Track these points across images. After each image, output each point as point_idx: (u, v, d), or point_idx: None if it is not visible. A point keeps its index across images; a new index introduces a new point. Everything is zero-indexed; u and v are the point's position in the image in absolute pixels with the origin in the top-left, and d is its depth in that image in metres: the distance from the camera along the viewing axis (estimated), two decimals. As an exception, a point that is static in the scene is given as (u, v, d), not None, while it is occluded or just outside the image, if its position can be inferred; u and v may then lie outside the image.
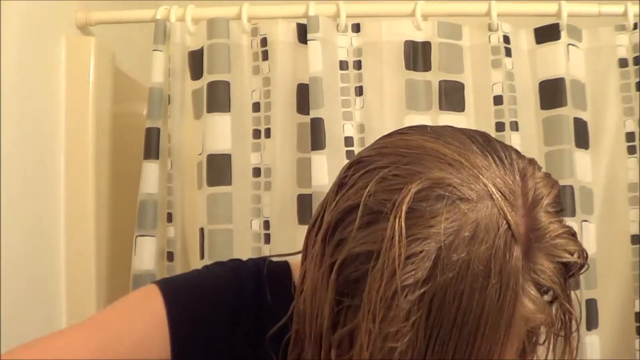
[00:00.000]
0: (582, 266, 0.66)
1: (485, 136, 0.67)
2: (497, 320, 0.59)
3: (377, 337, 0.59)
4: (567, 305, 0.66)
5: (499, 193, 0.61)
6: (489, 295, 0.58)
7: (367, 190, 0.63)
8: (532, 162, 0.67)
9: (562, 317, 0.66)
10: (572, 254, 0.64)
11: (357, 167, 0.67)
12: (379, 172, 0.64)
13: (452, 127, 0.69)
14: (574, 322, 0.67)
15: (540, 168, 0.67)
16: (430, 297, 0.58)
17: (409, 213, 0.60)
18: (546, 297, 0.63)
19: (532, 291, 0.62)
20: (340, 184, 0.67)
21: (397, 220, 0.59)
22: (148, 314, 0.75)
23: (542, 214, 0.63)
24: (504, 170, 0.63)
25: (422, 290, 0.58)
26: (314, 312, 0.65)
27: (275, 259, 0.82)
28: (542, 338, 0.69)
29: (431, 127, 0.69)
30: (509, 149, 0.67)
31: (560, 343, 0.68)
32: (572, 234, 0.65)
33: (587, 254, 0.66)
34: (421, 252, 0.58)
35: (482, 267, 0.58)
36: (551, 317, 0.65)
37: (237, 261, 0.84)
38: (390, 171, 0.63)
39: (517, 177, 0.63)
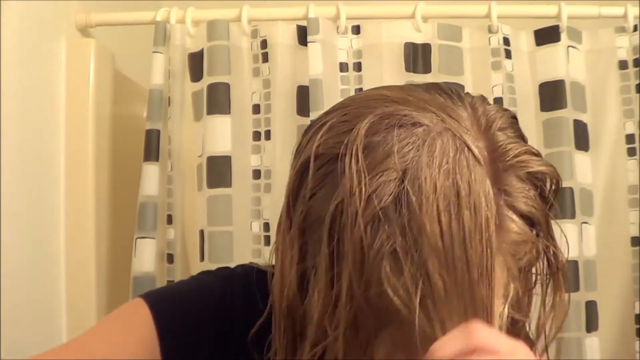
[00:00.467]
0: (556, 183, 0.66)
1: (429, 83, 0.68)
2: (480, 243, 0.56)
3: (359, 283, 0.57)
4: (550, 242, 0.67)
5: (450, 118, 0.60)
6: (464, 217, 0.56)
7: (317, 141, 0.62)
8: (482, 97, 0.66)
9: (546, 253, 0.67)
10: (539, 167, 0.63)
11: (307, 129, 0.67)
12: (326, 123, 0.63)
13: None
14: (560, 260, 0.68)
15: (488, 102, 0.66)
16: (402, 228, 0.56)
17: (363, 150, 0.58)
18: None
19: (511, 215, 0.61)
20: (295, 152, 0.67)
21: (352, 158, 0.58)
22: (138, 330, 0.74)
23: (499, 134, 0.62)
24: (451, 101, 0.63)
25: (394, 224, 0.56)
26: (284, 282, 0.64)
27: (263, 265, 0.80)
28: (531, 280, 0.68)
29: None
30: (456, 87, 0.67)
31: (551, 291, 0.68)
32: (534, 153, 0.65)
33: (557, 172, 0.66)
34: (384, 183, 0.57)
35: (450, 188, 0.56)
36: (537, 247, 0.65)
37: (226, 269, 0.83)
38: (338, 119, 0.63)
39: (467, 107, 0.63)
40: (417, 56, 1.40)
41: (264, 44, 1.41)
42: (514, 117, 0.66)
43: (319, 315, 0.60)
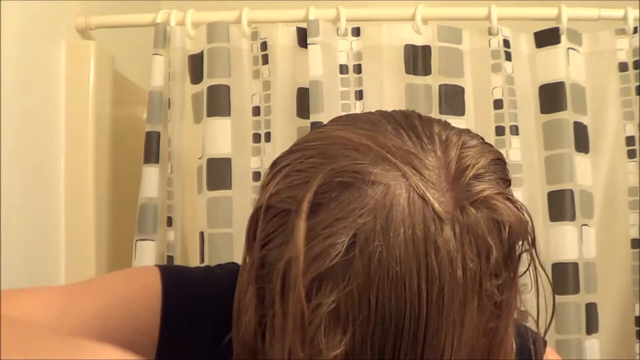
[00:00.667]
0: (522, 239, 0.61)
1: (405, 114, 0.63)
2: (438, 317, 0.55)
3: (302, 348, 0.56)
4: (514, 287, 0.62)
5: (413, 171, 0.56)
6: (422, 290, 0.54)
7: (270, 190, 0.60)
8: (461, 132, 0.61)
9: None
10: (510, 219, 0.58)
11: (271, 168, 0.64)
12: (283, 169, 0.61)
13: (377, 111, 0.65)
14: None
15: (475, 137, 0.62)
16: (347, 292, 0.54)
17: (313, 209, 0.56)
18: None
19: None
20: (260, 187, 0.64)
21: (300, 218, 0.55)
22: (147, 290, 0.74)
23: (471, 182, 0.57)
24: (420, 146, 0.58)
25: (339, 285, 0.54)
26: (241, 320, 0.63)
27: None
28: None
29: (350, 114, 0.66)
30: (431, 122, 0.62)
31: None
32: (509, 199, 0.59)
33: (525, 229, 0.61)
34: (331, 247, 0.54)
35: (407, 257, 0.54)
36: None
37: (234, 264, 0.83)
38: (294, 167, 0.60)
39: (438, 151, 0.58)
40: (417, 58, 1.40)
41: (264, 46, 1.41)
42: (499, 159, 0.62)
43: None
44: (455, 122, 1.36)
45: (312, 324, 0.55)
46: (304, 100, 1.36)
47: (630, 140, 1.42)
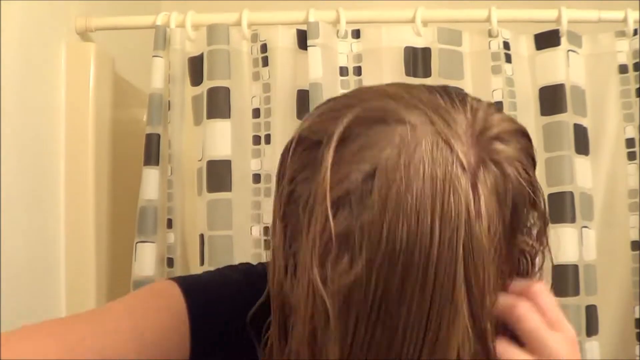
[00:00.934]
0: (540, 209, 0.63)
1: (444, 86, 0.64)
2: (443, 262, 0.55)
3: (321, 278, 0.57)
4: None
5: (441, 120, 0.57)
6: (434, 230, 0.55)
7: (304, 125, 0.63)
8: (492, 105, 0.63)
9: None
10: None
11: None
12: (319, 108, 0.64)
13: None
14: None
15: (499, 110, 0.63)
16: (361, 222, 0.55)
17: (342, 141, 0.58)
18: None
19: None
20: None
21: (329, 148, 0.58)
22: (171, 309, 0.74)
23: (495, 141, 0.59)
24: (451, 104, 0.60)
25: (354, 213, 0.56)
26: (275, 266, 0.64)
27: None
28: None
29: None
30: (465, 94, 0.63)
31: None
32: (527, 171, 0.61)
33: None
34: (353, 173, 0.56)
35: (423, 194, 0.55)
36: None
37: (247, 264, 0.84)
38: (328, 107, 0.63)
39: (468, 112, 0.60)
40: (417, 60, 1.40)
41: (264, 48, 1.41)
42: (524, 133, 0.64)
43: (300, 303, 0.59)
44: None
45: (326, 247, 0.56)
46: (304, 102, 1.36)
47: (630, 143, 1.42)
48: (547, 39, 1.42)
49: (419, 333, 0.56)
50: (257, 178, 1.39)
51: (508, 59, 1.42)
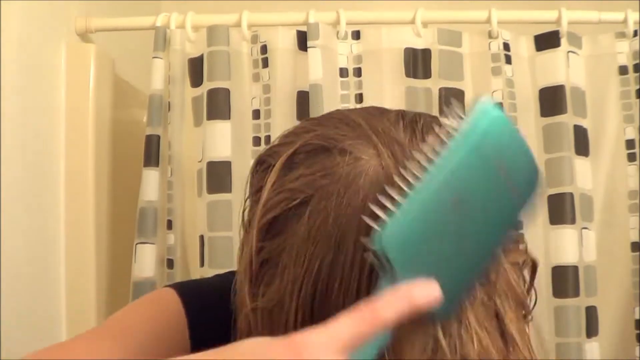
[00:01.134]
0: None
1: (421, 114, 0.63)
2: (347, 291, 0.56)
3: (250, 297, 0.60)
4: None
5: (391, 155, 0.56)
6: (357, 260, 0.55)
7: (268, 146, 0.65)
8: None
9: None
10: None
11: None
12: (289, 129, 0.65)
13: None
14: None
15: None
16: (295, 250, 0.57)
17: (290, 166, 0.59)
18: None
19: None
20: None
21: (272, 173, 0.60)
22: (170, 317, 0.75)
23: None
24: (410, 138, 0.58)
25: (286, 241, 0.57)
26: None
27: None
28: None
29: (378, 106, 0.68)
30: (433, 123, 0.60)
31: None
32: None
33: None
34: (287, 200, 0.58)
35: (351, 227, 0.55)
36: None
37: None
38: (292, 130, 0.64)
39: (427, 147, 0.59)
40: (417, 61, 1.41)
41: (264, 49, 1.41)
42: None
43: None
44: (455, 125, 1.38)
45: (255, 267, 0.59)
46: (304, 103, 1.36)
47: (630, 144, 1.42)
48: (547, 40, 1.42)
49: None
50: (257, 179, 1.39)
51: (508, 60, 1.42)
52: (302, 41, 1.39)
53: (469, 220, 0.54)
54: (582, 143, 1.40)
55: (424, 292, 0.51)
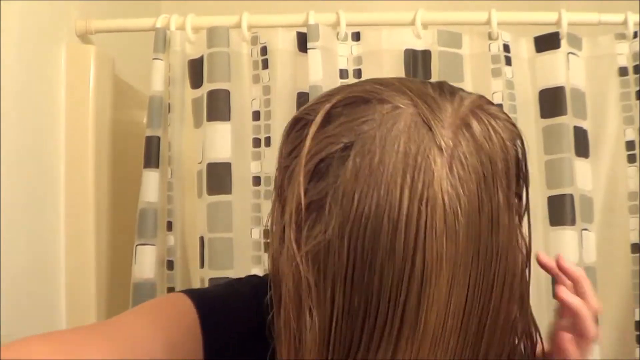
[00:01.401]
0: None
1: (440, 82, 0.67)
2: (404, 239, 0.57)
3: (297, 243, 0.60)
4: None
5: (425, 105, 0.60)
6: (403, 205, 0.56)
7: (302, 107, 0.67)
8: (481, 97, 0.65)
9: None
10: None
11: None
12: (321, 93, 0.67)
13: None
14: None
15: (490, 102, 0.65)
16: (341, 193, 0.58)
17: (329, 119, 0.61)
18: None
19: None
20: None
21: (314, 124, 0.61)
22: (185, 319, 0.74)
23: (475, 124, 0.60)
24: (439, 94, 0.62)
25: (329, 182, 0.59)
26: (272, 243, 0.66)
27: None
28: None
29: None
30: (457, 88, 0.65)
31: None
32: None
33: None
34: (331, 145, 0.60)
35: (396, 169, 0.57)
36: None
37: (255, 276, 0.84)
38: (330, 90, 0.66)
39: (455, 103, 0.61)
40: (417, 63, 1.40)
41: (264, 50, 1.41)
42: (512, 124, 0.65)
43: (285, 269, 0.62)
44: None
45: (302, 212, 0.60)
46: (304, 104, 1.35)
47: (630, 145, 1.42)
48: (547, 42, 1.42)
49: (391, 302, 0.57)
50: (257, 180, 1.39)
51: (508, 61, 1.42)
52: (302, 42, 1.39)
53: None
54: (582, 144, 1.40)
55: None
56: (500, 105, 1.38)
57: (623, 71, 1.43)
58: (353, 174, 0.58)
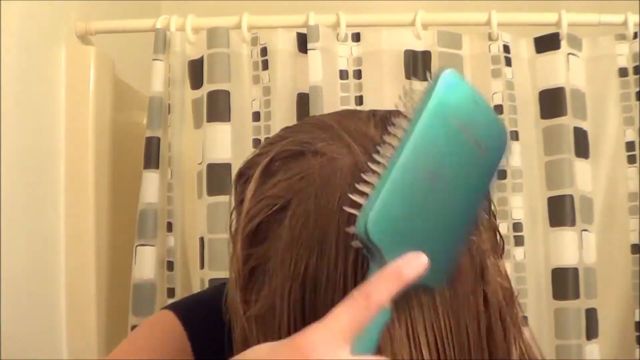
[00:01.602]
0: None
1: (393, 111, 0.62)
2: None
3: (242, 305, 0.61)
4: None
5: (363, 150, 0.57)
6: (345, 257, 0.56)
7: (246, 159, 0.66)
8: None
9: None
10: None
11: None
12: (262, 144, 0.67)
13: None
14: None
15: None
16: (280, 254, 0.58)
17: (267, 174, 0.60)
18: None
19: None
20: None
21: (251, 183, 0.61)
22: (174, 343, 0.76)
23: None
24: (382, 131, 0.58)
25: (272, 246, 0.58)
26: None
27: None
28: None
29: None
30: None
31: None
32: None
33: None
34: (268, 206, 0.59)
35: (331, 225, 0.56)
36: None
37: None
38: (270, 137, 0.66)
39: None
40: (417, 63, 1.40)
41: (264, 51, 1.41)
42: None
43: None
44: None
45: (244, 275, 0.60)
46: (304, 105, 1.36)
47: (630, 146, 1.42)
48: (547, 42, 1.42)
49: None
50: (257, 181, 1.38)
51: (508, 62, 1.41)
52: (302, 43, 1.39)
53: (446, 189, 0.55)
54: (582, 145, 1.40)
55: (410, 264, 0.51)
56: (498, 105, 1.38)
57: (623, 72, 1.43)
58: (289, 237, 0.57)
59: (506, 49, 1.42)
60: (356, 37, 1.43)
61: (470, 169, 0.56)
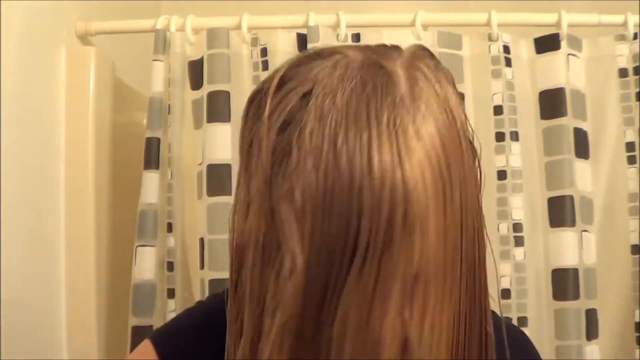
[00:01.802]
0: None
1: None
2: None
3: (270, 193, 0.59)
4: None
5: (373, 52, 0.62)
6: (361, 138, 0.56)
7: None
8: (423, 48, 0.66)
9: None
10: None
11: None
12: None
13: None
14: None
15: (431, 54, 0.66)
16: (308, 139, 0.57)
17: (282, 81, 0.61)
18: None
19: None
20: None
21: (270, 87, 0.61)
22: None
23: (423, 66, 0.62)
24: (383, 45, 0.64)
25: (291, 133, 0.58)
26: (236, 208, 0.66)
27: None
28: None
29: None
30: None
31: None
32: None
33: None
34: (292, 95, 0.59)
35: (356, 100, 0.57)
36: None
37: (216, 293, 0.84)
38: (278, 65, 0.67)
39: (400, 50, 0.64)
40: (417, 64, 1.40)
41: (264, 51, 1.41)
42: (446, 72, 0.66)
43: (252, 226, 0.62)
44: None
45: (273, 165, 0.58)
46: (304, 106, 1.36)
47: (630, 146, 1.42)
48: (547, 43, 1.42)
49: (372, 236, 0.56)
50: (257, 182, 1.38)
51: (508, 62, 1.42)
52: (302, 44, 1.39)
53: None
54: (582, 145, 1.40)
55: None
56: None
57: (623, 72, 1.43)
58: (317, 114, 0.57)
59: (506, 49, 1.42)
60: (356, 38, 1.43)
61: None
